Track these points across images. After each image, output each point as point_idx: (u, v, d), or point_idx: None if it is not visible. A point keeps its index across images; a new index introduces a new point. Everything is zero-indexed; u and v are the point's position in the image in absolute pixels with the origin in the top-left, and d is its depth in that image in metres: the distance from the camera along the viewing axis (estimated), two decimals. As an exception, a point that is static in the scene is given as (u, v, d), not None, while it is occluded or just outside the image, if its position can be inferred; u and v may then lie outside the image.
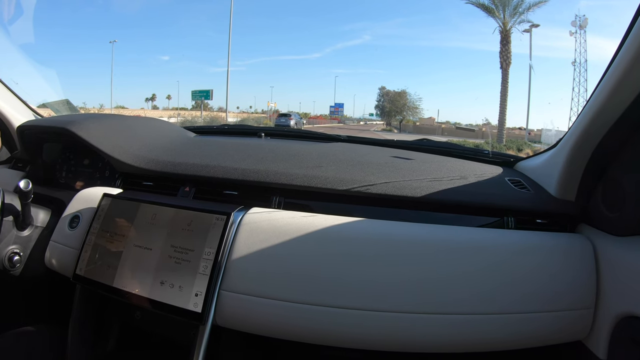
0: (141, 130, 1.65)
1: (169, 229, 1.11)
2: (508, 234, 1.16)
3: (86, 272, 1.15)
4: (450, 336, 1.01)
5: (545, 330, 1.05)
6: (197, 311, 1.00)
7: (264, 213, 1.14)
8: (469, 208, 1.24)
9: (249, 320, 1.03)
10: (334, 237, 1.06)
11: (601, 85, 0.91)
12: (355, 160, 1.43)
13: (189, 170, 1.33)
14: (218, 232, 1.06)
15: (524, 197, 1.25)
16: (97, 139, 1.43)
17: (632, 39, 0.80)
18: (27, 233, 1.39)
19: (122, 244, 1.14)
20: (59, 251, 1.25)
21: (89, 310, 1.28)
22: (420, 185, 1.23)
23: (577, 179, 1.12)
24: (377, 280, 1.01)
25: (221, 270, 1.04)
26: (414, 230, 1.11)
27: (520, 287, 1.04)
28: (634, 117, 0.92)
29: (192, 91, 37.98)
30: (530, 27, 24.02)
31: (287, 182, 1.25)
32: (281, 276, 1.02)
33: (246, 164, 1.32)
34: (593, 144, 1.02)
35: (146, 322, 1.28)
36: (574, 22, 24.49)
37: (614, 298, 1.02)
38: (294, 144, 1.78)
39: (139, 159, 1.39)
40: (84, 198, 1.30)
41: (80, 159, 1.64)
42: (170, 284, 1.04)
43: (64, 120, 1.51)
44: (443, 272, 1.03)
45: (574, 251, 1.09)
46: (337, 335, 1.02)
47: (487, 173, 1.42)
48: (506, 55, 23.49)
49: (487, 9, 23.85)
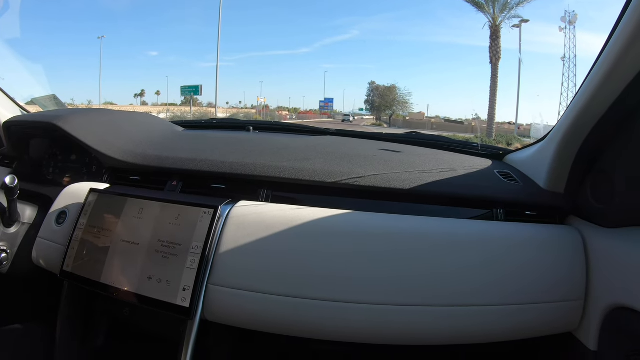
0: (128, 124, 1.64)
1: (156, 224, 1.10)
2: (498, 226, 1.17)
3: (73, 268, 1.14)
4: (438, 328, 1.02)
5: (536, 322, 1.06)
6: (185, 306, 1.00)
7: (252, 206, 1.13)
8: (458, 200, 1.24)
9: (238, 314, 1.03)
10: (322, 229, 1.06)
11: (589, 79, 0.92)
12: (344, 153, 1.42)
13: (176, 164, 1.32)
14: (205, 225, 1.06)
15: (513, 189, 1.25)
16: (83, 133, 1.41)
17: (619, 34, 0.80)
18: (14, 230, 1.37)
19: (109, 239, 1.13)
20: (46, 247, 1.24)
21: (77, 307, 1.27)
22: (409, 177, 1.23)
23: (566, 171, 1.13)
24: (366, 273, 1.01)
25: (209, 265, 1.03)
26: (403, 222, 1.11)
27: (510, 279, 1.04)
28: (621, 110, 0.92)
29: (182, 87, 37.75)
30: (520, 23, 24.08)
31: (274, 175, 1.25)
32: (269, 270, 1.02)
33: (234, 158, 1.31)
34: (581, 136, 1.02)
35: (135, 317, 1.27)
36: (564, 17, 24.61)
37: (604, 289, 1.03)
38: (282, 138, 1.77)
39: (125, 153, 1.38)
40: (71, 194, 1.28)
41: (67, 154, 1.62)
42: (158, 278, 1.04)
43: (50, 115, 1.49)
44: (432, 264, 1.03)
45: (564, 243, 1.10)
46: (326, 329, 1.02)
47: (476, 165, 1.42)
48: (496, 51, 23.54)
49: (477, 4, 23.87)
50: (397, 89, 43.98)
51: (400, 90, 43.87)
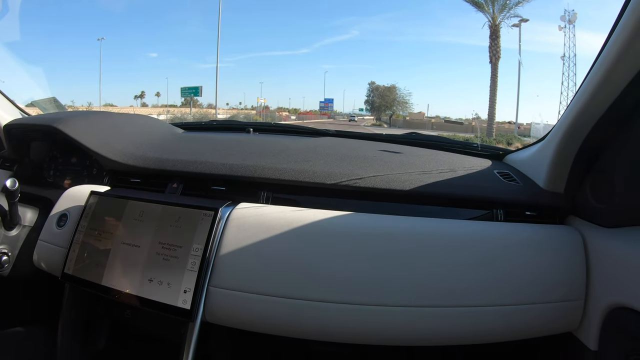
0: (128, 127, 1.64)
1: (157, 226, 1.10)
2: (497, 226, 1.16)
3: (75, 270, 1.15)
4: (440, 329, 1.02)
5: (536, 322, 1.06)
6: (186, 308, 1.00)
7: (252, 208, 1.13)
8: (458, 201, 1.25)
9: (239, 316, 1.03)
10: (322, 231, 1.06)
11: (588, 79, 0.92)
12: (344, 155, 1.42)
13: (177, 167, 1.32)
14: (206, 228, 1.06)
15: (513, 189, 1.25)
16: (83, 136, 1.42)
17: (618, 33, 0.81)
18: (15, 233, 1.37)
19: (110, 241, 1.13)
20: (47, 250, 1.24)
21: (78, 310, 1.27)
22: (409, 178, 1.23)
23: (566, 171, 1.13)
24: (366, 274, 1.01)
25: (209, 267, 1.03)
26: (404, 223, 1.11)
27: (509, 279, 1.04)
28: (621, 109, 0.93)
29: (182, 88, 37.47)
30: (520, 22, 24.07)
31: (275, 177, 1.25)
32: (270, 271, 1.02)
33: (234, 159, 1.32)
34: (581, 136, 1.02)
35: (136, 319, 1.28)
36: (563, 16, 24.58)
37: (604, 289, 1.03)
38: (282, 139, 1.77)
39: (126, 156, 1.38)
40: (72, 196, 1.28)
41: (67, 157, 1.63)
42: (159, 281, 1.04)
43: (50, 118, 1.49)
44: (433, 265, 1.03)
45: (564, 243, 1.10)
46: (327, 330, 1.02)
47: (476, 166, 1.42)
48: (495, 50, 23.52)
49: (476, 4, 23.84)
50: (397, 89, 43.91)
51: (400, 90, 43.81)
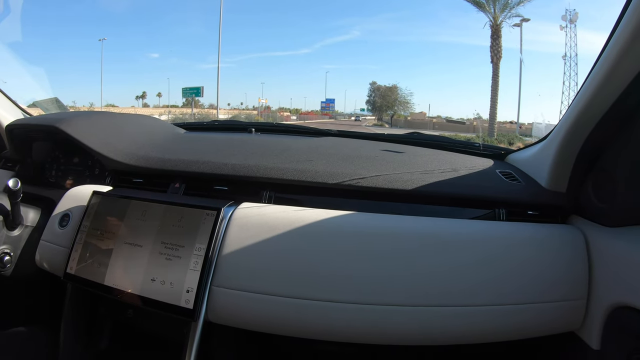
0: (130, 127, 1.64)
1: (159, 226, 1.11)
2: (500, 225, 1.16)
3: (77, 270, 1.15)
4: (444, 328, 1.02)
5: (538, 322, 1.06)
6: (189, 308, 1.00)
7: (255, 208, 1.13)
8: (460, 200, 1.25)
9: (242, 315, 1.03)
10: (325, 230, 1.06)
11: (590, 78, 0.92)
12: (346, 154, 1.43)
13: (179, 167, 1.32)
14: (208, 227, 1.06)
15: (515, 188, 1.25)
16: (85, 136, 1.42)
17: (619, 33, 0.80)
18: (17, 233, 1.37)
19: (112, 241, 1.13)
20: (50, 250, 1.24)
21: (80, 309, 1.27)
22: (411, 178, 1.23)
23: (568, 170, 1.13)
24: (369, 274, 1.01)
25: (212, 266, 1.03)
26: (406, 223, 1.11)
27: (512, 278, 1.04)
28: (622, 109, 0.92)
29: (183, 88, 37.41)
30: (521, 22, 24.00)
31: (277, 177, 1.25)
32: (273, 271, 1.02)
33: (236, 159, 1.32)
34: (583, 135, 1.02)
35: (139, 319, 1.28)
36: (565, 16, 24.52)
37: (606, 289, 1.02)
38: (285, 139, 1.78)
39: (128, 156, 1.39)
40: (74, 196, 1.29)
41: (69, 157, 1.63)
42: (162, 280, 1.04)
43: (52, 118, 1.50)
44: (435, 265, 1.03)
45: (566, 242, 1.10)
46: (330, 330, 1.01)
47: (478, 165, 1.42)
48: (497, 50, 23.48)
49: (477, 4, 23.81)
50: (399, 89, 43.82)
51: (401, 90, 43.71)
